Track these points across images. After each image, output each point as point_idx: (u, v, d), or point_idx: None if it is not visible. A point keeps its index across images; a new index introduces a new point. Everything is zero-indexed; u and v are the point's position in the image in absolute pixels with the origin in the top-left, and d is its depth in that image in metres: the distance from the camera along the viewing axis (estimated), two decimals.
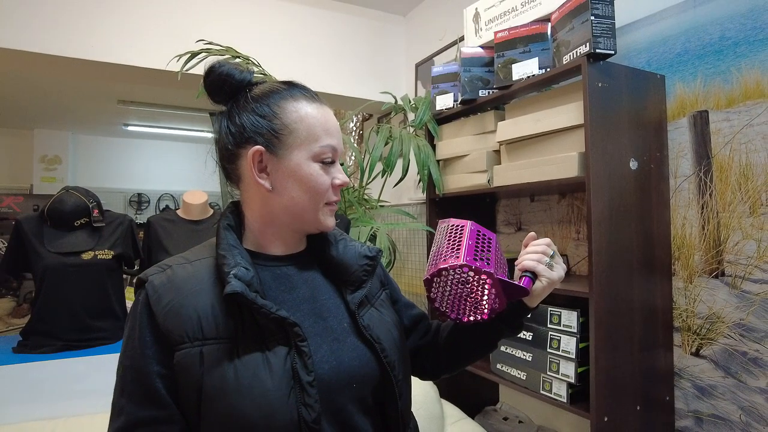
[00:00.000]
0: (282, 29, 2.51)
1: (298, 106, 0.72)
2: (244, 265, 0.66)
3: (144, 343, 0.64)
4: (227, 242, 0.69)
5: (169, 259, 0.73)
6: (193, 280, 0.67)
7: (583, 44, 1.29)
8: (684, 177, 1.40)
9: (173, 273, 0.68)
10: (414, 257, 2.62)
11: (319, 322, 0.71)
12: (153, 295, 0.65)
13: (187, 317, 0.64)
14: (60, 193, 1.79)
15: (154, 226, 1.95)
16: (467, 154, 1.78)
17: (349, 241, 0.81)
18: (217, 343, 0.63)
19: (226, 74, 0.72)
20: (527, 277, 0.76)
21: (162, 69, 2.14)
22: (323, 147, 0.71)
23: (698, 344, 1.34)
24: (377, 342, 0.73)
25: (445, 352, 0.87)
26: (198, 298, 0.65)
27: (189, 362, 0.62)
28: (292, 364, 0.63)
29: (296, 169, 0.70)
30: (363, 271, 0.77)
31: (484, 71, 1.67)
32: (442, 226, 0.81)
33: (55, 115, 5.05)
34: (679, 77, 1.40)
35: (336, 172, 0.74)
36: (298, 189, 0.71)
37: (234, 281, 0.62)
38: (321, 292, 0.75)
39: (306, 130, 0.71)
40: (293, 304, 0.71)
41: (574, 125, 1.36)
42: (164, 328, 0.63)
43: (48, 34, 2.01)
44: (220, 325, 0.64)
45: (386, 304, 0.83)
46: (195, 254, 0.73)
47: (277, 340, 0.65)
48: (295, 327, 0.65)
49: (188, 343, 0.63)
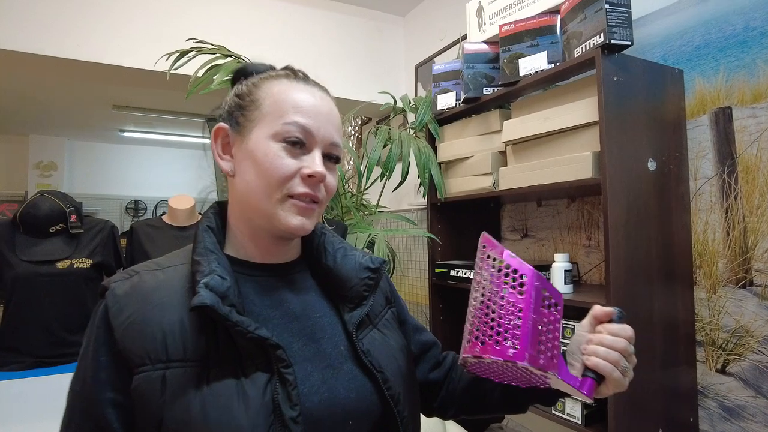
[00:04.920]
0: (277, 29, 2.42)
1: (273, 83, 0.62)
2: (221, 273, 0.55)
3: (98, 364, 0.53)
4: (204, 246, 0.59)
5: (139, 264, 0.62)
6: (162, 289, 0.57)
7: (597, 35, 1.19)
8: (705, 179, 1.29)
9: (140, 281, 0.57)
10: (414, 265, 2.52)
11: (309, 345, 0.59)
12: (113, 307, 0.55)
13: (150, 334, 0.53)
14: (34, 197, 1.67)
15: (138, 233, 1.84)
16: (471, 156, 1.68)
17: (349, 249, 0.70)
18: (182, 366, 0.52)
19: (252, 70, 0.66)
20: (591, 379, 0.60)
21: (154, 70, 2.06)
22: (287, 124, 0.58)
23: (724, 360, 1.23)
24: (378, 371, 0.61)
25: (465, 396, 0.74)
26: (165, 312, 0.54)
27: (148, 389, 0.51)
28: (273, 396, 0.52)
29: (254, 147, 0.59)
30: (364, 285, 0.65)
31: (488, 68, 1.58)
32: (490, 253, 0.61)
33: (51, 121, 4.99)
34: (699, 72, 1.31)
35: (308, 160, 0.60)
36: (253, 172, 0.59)
37: (204, 292, 0.52)
38: (315, 309, 0.64)
39: (272, 105, 0.60)
40: (280, 323, 0.60)
41: (587, 123, 1.26)
42: (122, 347, 0.53)
43: (41, 35, 1.96)
44: (189, 344, 0.53)
45: (392, 326, 0.71)
46: (169, 260, 0.62)
47: (257, 365, 0.53)
48: (278, 350, 0.54)
49: (149, 365, 0.52)
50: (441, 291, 1.85)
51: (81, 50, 2.03)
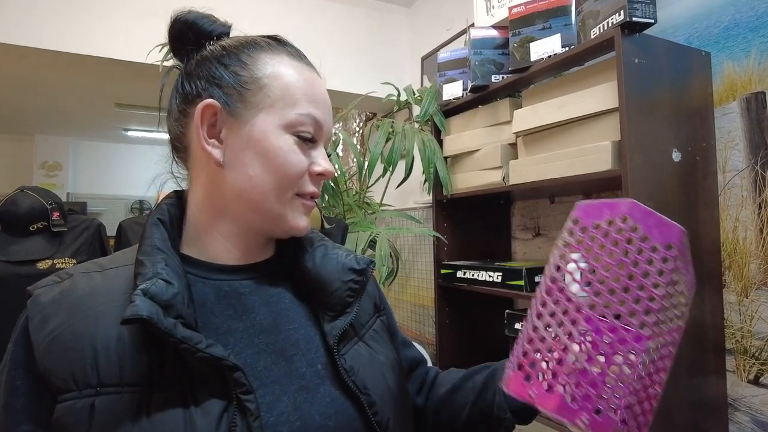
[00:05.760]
0: (279, 21, 2.35)
1: (276, 59, 0.53)
2: (166, 276, 0.46)
3: (13, 389, 0.44)
4: (151, 243, 0.49)
5: (80, 264, 0.52)
6: (97, 296, 0.47)
7: (616, 12, 1.08)
8: (735, 171, 1.18)
9: (71, 285, 0.48)
10: (420, 266, 2.42)
11: (279, 364, 0.50)
12: (35, 318, 0.46)
13: (78, 352, 0.44)
14: (13, 194, 1.58)
15: (126, 232, 1.76)
16: (479, 149, 1.58)
17: (330, 247, 0.60)
18: (118, 392, 0.43)
19: (192, 22, 0.54)
20: None
21: (152, 64, 1.99)
22: (301, 115, 0.51)
23: (757, 370, 1.12)
24: (363, 392, 0.51)
25: (435, 414, 0.65)
26: (99, 324, 0.45)
27: (72, 421, 0.42)
28: (230, 428, 0.43)
29: (260, 137, 0.51)
30: (348, 289, 0.56)
31: (497, 54, 1.47)
32: None
33: (56, 121, 5.01)
34: (728, 54, 1.19)
35: (317, 156, 0.54)
36: (258, 165, 0.51)
37: (140, 300, 0.42)
38: (287, 318, 0.54)
39: (281, 89, 0.51)
40: (243, 336, 0.50)
41: (605, 110, 1.15)
42: (43, 368, 0.44)
43: (41, 29, 1.91)
44: (126, 365, 0.44)
45: (381, 338, 0.61)
46: (113, 260, 0.53)
47: (211, 390, 0.44)
48: (236, 372, 0.44)
49: (75, 392, 0.43)
50: (447, 293, 1.75)
51: (81, 44, 1.98)
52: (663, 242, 0.40)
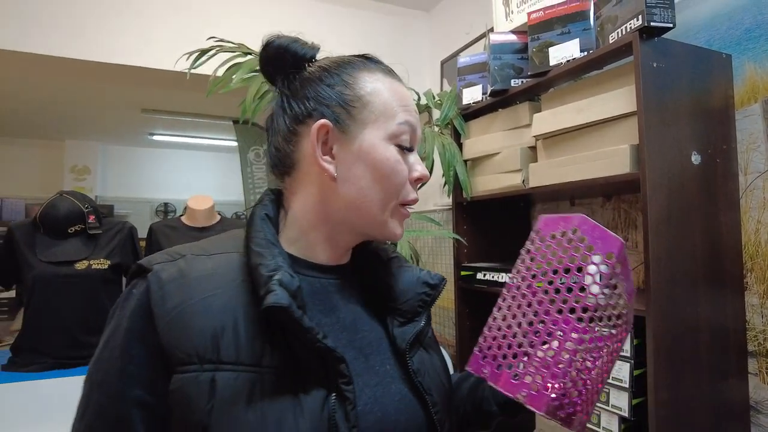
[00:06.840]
0: (298, 27, 2.38)
1: (374, 77, 0.57)
2: (288, 270, 0.50)
3: (128, 356, 0.47)
4: (265, 237, 0.53)
5: (180, 246, 0.56)
6: (212, 279, 0.51)
7: (635, 17, 1.10)
8: (757, 173, 1.18)
9: (187, 266, 0.51)
10: (440, 268, 2.44)
11: (359, 359, 0.54)
12: (157, 292, 0.49)
13: (199, 330, 0.47)
14: (53, 198, 1.67)
15: (156, 234, 1.83)
16: (498, 152, 1.60)
17: (403, 260, 0.65)
18: (235, 370, 0.46)
19: (287, 47, 0.59)
20: None
21: (179, 71, 2.06)
22: (401, 125, 0.56)
23: None
24: (428, 393, 0.56)
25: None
26: (217, 306, 0.49)
27: (194, 392, 0.45)
28: (330, 413, 0.47)
29: (369, 150, 0.55)
30: (420, 300, 0.61)
31: (516, 58, 1.49)
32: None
33: (85, 126, 5.15)
34: (750, 56, 1.19)
35: (414, 162, 0.58)
36: (369, 177, 0.55)
37: (279, 290, 0.46)
38: (362, 319, 0.59)
39: (382, 104, 0.56)
40: (331, 331, 0.54)
41: (624, 113, 1.17)
42: (165, 340, 0.47)
43: (71, 40, 2.00)
44: (242, 346, 0.47)
45: (435, 344, 0.66)
46: (214, 245, 0.56)
47: (315, 377, 0.48)
48: (342, 363, 0.49)
49: (196, 365, 0.46)
50: (467, 295, 1.77)
51: (108, 53, 2.05)
52: (605, 251, 0.49)
